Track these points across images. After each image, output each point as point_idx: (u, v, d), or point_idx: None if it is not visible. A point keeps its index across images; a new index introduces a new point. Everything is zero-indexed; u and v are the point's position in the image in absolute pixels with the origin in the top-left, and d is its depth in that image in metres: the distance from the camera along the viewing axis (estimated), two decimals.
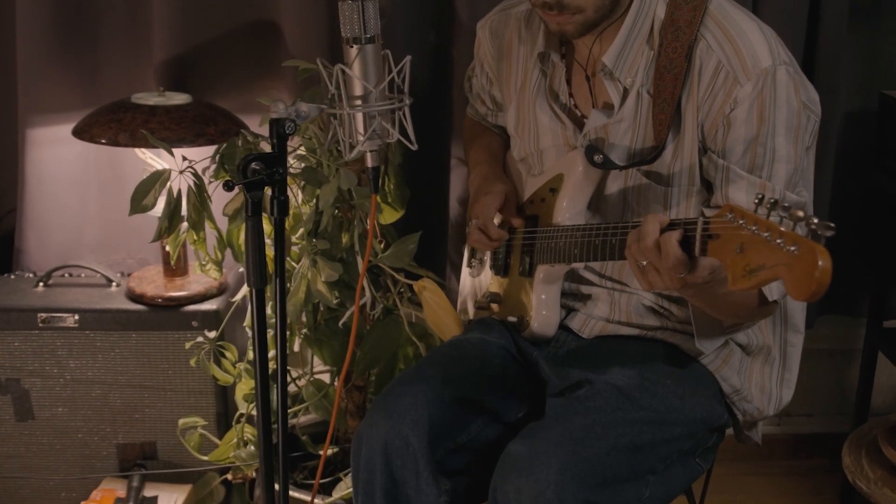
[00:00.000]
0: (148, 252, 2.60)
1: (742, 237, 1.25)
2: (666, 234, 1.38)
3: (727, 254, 1.29)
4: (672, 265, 1.37)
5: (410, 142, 1.55)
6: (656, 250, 1.39)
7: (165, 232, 1.85)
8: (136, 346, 2.31)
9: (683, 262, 1.37)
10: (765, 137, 1.57)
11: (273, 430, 1.61)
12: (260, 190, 1.48)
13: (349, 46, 1.51)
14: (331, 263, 1.84)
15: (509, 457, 1.57)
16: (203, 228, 1.89)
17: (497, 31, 1.91)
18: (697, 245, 1.35)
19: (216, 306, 2.29)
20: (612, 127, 1.70)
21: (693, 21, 1.62)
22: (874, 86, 2.44)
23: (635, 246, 1.42)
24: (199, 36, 2.41)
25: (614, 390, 1.64)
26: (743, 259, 1.25)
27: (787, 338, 1.84)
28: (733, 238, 1.27)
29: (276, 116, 1.49)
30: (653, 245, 1.39)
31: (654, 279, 1.42)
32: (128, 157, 2.49)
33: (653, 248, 1.39)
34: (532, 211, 1.86)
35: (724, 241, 1.30)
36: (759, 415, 1.83)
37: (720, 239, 1.31)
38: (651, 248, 1.39)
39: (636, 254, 1.43)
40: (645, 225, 1.41)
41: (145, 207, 1.84)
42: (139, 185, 1.85)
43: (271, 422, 1.59)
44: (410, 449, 1.63)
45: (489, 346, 1.82)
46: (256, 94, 2.43)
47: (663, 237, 1.38)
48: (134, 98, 2.22)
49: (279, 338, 1.57)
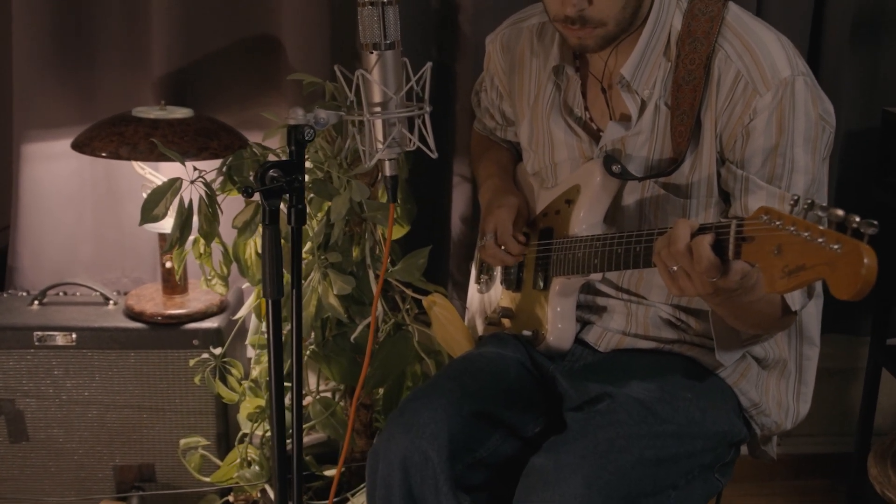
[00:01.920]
0: (143, 270, 2.56)
1: (779, 238, 1.23)
2: (698, 237, 1.36)
3: (763, 256, 1.27)
4: (705, 269, 1.35)
5: (431, 150, 1.52)
6: (688, 254, 1.37)
7: (177, 243, 1.81)
8: (134, 366, 2.26)
9: (716, 266, 1.35)
10: (784, 148, 1.57)
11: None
12: (278, 198, 1.45)
13: (369, 52, 1.49)
14: (343, 276, 1.81)
15: (534, 471, 1.54)
16: (213, 240, 1.85)
17: (508, 44, 1.90)
18: (731, 248, 1.33)
19: (217, 324, 2.25)
20: (630, 139, 1.69)
21: (710, 32, 1.61)
22: (876, 103, 2.45)
23: (665, 251, 1.40)
24: (198, 51, 2.40)
25: (636, 403, 1.62)
26: (781, 260, 1.23)
27: (803, 351, 1.82)
28: (769, 240, 1.25)
29: (294, 123, 1.46)
30: (684, 249, 1.37)
31: (684, 284, 1.40)
32: (123, 173, 2.46)
33: (684, 252, 1.37)
34: (546, 223, 1.83)
35: (759, 244, 1.28)
36: (776, 429, 1.81)
37: (755, 241, 1.29)
38: (683, 253, 1.37)
39: (666, 258, 1.40)
40: (675, 229, 1.39)
41: (156, 217, 1.81)
42: (150, 194, 1.81)
43: (285, 439, 1.55)
44: (430, 464, 1.59)
45: (505, 361, 1.79)
46: (257, 109, 2.41)
47: (695, 241, 1.36)
48: (135, 112, 2.19)
49: (295, 351, 1.53)
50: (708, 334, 1.74)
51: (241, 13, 2.40)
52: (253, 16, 2.40)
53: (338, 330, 1.99)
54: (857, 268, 1.11)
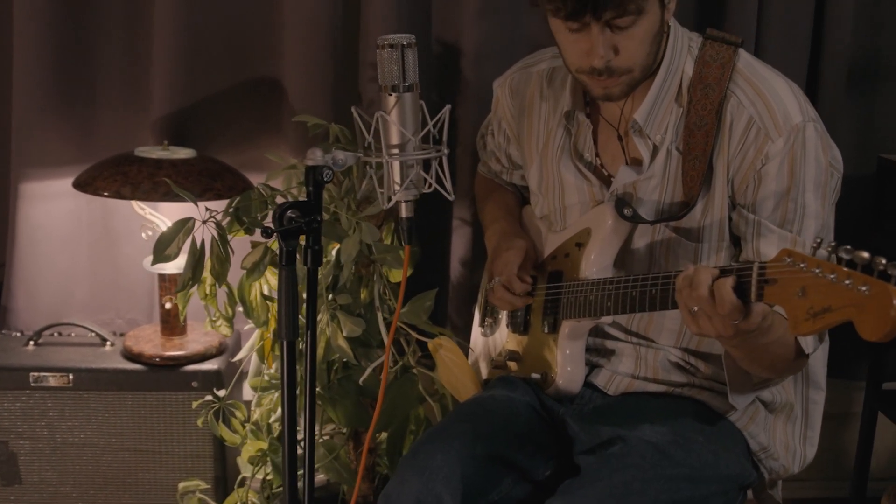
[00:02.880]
0: (138, 312, 2.54)
1: (803, 280, 1.24)
2: (720, 280, 1.36)
3: (787, 298, 1.27)
4: (728, 312, 1.35)
5: (448, 192, 1.53)
6: (710, 298, 1.37)
7: (188, 283, 1.79)
8: (131, 408, 2.23)
9: (739, 309, 1.35)
10: (795, 193, 1.58)
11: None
12: (295, 239, 1.44)
13: (388, 94, 1.49)
14: (353, 318, 1.80)
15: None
16: (224, 281, 1.84)
17: (518, 89, 1.91)
18: (753, 290, 1.33)
19: (217, 366, 2.23)
20: (642, 184, 1.70)
21: (722, 78, 1.63)
22: (871, 150, 2.48)
23: (687, 291, 1.40)
24: (199, 91, 2.40)
25: (649, 446, 1.61)
26: (805, 302, 1.24)
27: (810, 395, 1.83)
28: (793, 282, 1.26)
29: (312, 164, 1.46)
30: (707, 293, 1.37)
31: (705, 325, 1.40)
32: (120, 214, 2.45)
33: (707, 296, 1.37)
34: (555, 266, 1.83)
35: (782, 286, 1.29)
36: (784, 472, 1.81)
37: (777, 284, 1.30)
38: (705, 297, 1.38)
39: (687, 300, 1.41)
40: (697, 274, 1.39)
41: (168, 257, 1.79)
42: (162, 234, 1.80)
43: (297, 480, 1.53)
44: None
45: (515, 404, 1.78)
46: (257, 151, 2.41)
47: (717, 284, 1.36)
48: (137, 151, 2.18)
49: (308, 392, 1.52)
50: (717, 378, 1.75)
51: (242, 55, 2.42)
52: (254, 58, 2.42)
53: (343, 373, 1.98)
54: (887, 309, 1.12)
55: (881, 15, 2.47)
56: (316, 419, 2.18)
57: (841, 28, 2.41)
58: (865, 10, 2.46)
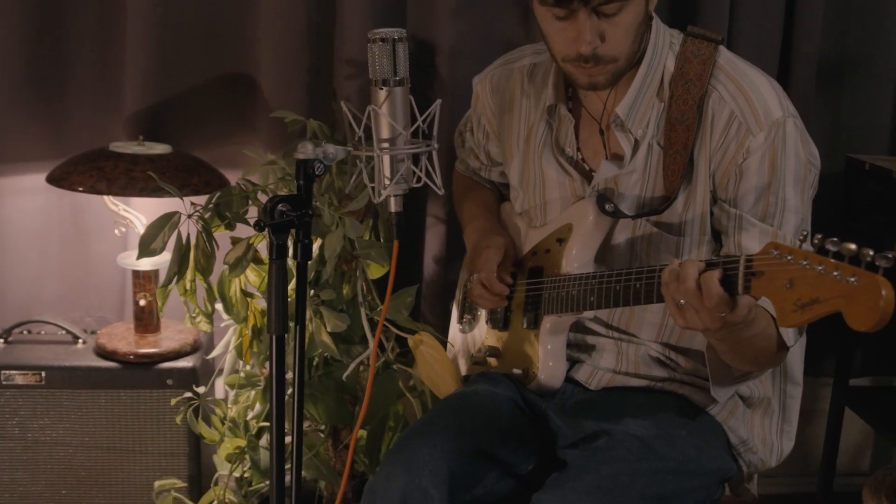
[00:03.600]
0: (108, 310, 2.51)
1: (791, 272, 1.26)
2: (707, 273, 1.38)
3: (774, 290, 1.29)
4: (715, 305, 1.37)
5: (438, 186, 1.53)
6: (697, 290, 1.38)
7: (174, 278, 1.77)
8: (105, 406, 2.21)
9: (726, 301, 1.37)
10: (776, 187, 1.61)
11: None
12: (285, 233, 1.44)
13: (378, 88, 1.49)
14: (336, 314, 1.79)
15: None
16: (210, 275, 1.82)
17: (498, 85, 1.91)
18: (740, 283, 1.35)
19: (192, 363, 2.20)
20: (623, 178, 1.71)
21: (703, 74, 1.65)
22: (840, 149, 2.52)
23: (674, 285, 1.41)
24: (172, 88, 2.38)
25: (634, 440, 1.62)
26: (793, 294, 1.25)
27: (787, 390, 1.85)
28: (780, 274, 1.28)
29: (303, 157, 1.45)
30: (694, 286, 1.39)
31: (692, 318, 1.42)
32: (91, 210, 2.42)
33: (694, 289, 1.39)
34: (535, 262, 1.84)
35: (769, 278, 1.30)
36: (762, 466, 1.84)
37: (765, 276, 1.31)
38: (692, 290, 1.39)
39: (675, 293, 1.42)
40: (684, 267, 1.40)
41: (153, 251, 1.77)
42: (147, 228, 1.78)
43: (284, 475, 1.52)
44: (430, 501, 1.58)
45: (497, 399, 1.79)
46: (232, 147, 2.39)
47: (704, 277, 1.38)
48: (112, 147, 2.15)
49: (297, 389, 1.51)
50: (697, 373, 1.77)
51: (217, 51, 2.40)
52: (229, 54, 2.40)
53: (324, 369, 1.97)
54: (876, 300, 1.14)
55: (848, 19, 2.52)
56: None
57: (810, 31, 2.45)
58: (833, 13, 2.50)
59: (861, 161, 2.42)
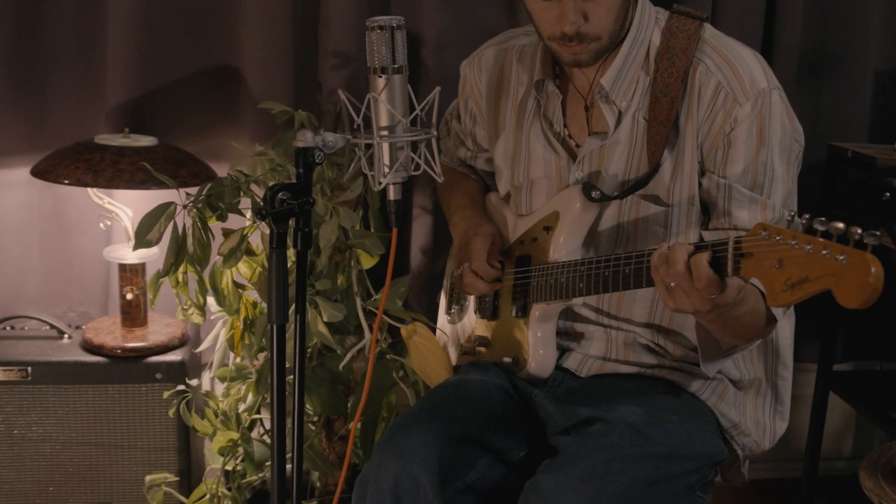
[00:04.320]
0: (91, 304, 2.49)
1: (779, 252, 1.27)
2: (696, 256, 1.39)
3: (764, 270, 1.30)
4: (704, 286, 1.38)
5: (437, 174, 1.53)
6: (687, 273, 1.40)
7: (171, 269, 1.76)
8: (92, 401, 2.18)
9: (716, 283, 1.38)
10: (764, 156, 1.64)
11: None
12: (286, 221, 1.43)
13: (377, 76, 1.49)
14: (332, 304, 1.78)
15: (534, 492, 1.55)
16: (206, 266, 1.81)
17: (487, 65, 1.92)
18: (730, 265, 1.36)
19: (181, 357, 2.19)
20: (608, 149, 1.73)
21: (689, 48, 1.68)
22: (821, 138, 2.55)
23: (664, 268, 1.43)
24: (156, 80, 2.36)
25: (626, 426, 1.64)
26: (783, 274, 1.26)
27: (778, 371, 1.87)
28: (769, 254, 1.29)
29: (303, 145, 1.44)
30: (683, 269, 1.40)
31: (682, 300, 1.43)
32: (74, 205, 2.40)
33: (684, 272, 1.40)
34: (522, 251, 1.85)
35: (758, 259, 1.32)
36: (756, 448, 1.85)
37: (754, 257, 1.33)
38: (682, 273, 1.40)
39: (664, 276, 1.43)
40: (673, 251, 1.42)
41: (149, 242, 1.75)
42: (143, 218, 1.76)
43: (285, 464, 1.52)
44: (421, 489, 1.59)
45: (488, 387, 1.80)
46: (216, 140, 2.38)
47: (693, 259, 1.39)
48: (98, 139, 2.13)
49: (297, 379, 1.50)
50: (686, 359, 1.79)
51: (200, 42, 2.39)
52: (213, 45, 2.39)
53: (317, 360, 1.96)
54: (866, 277, 1.15)
55: (828, 11, 2.55)
56: (291, 407, 2.16)
57: (791, 24, 2.47)
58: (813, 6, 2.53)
59: (843, 149, 2.45)
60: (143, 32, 2.31)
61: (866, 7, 2.55)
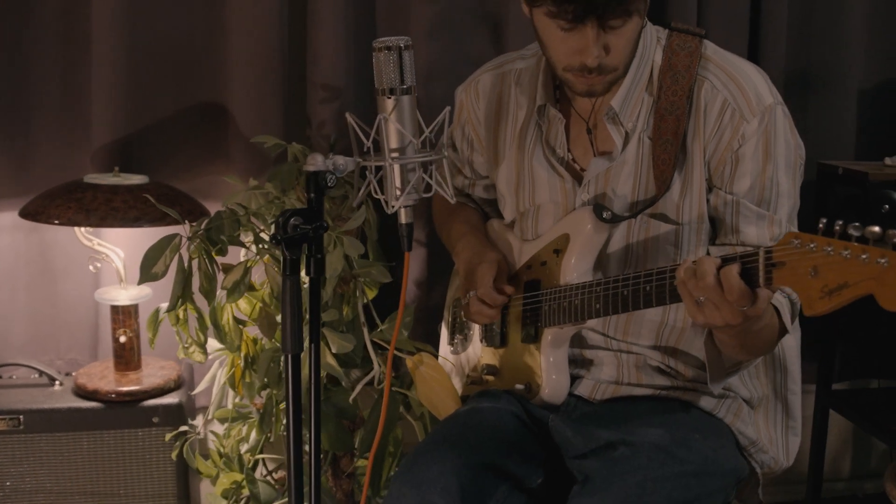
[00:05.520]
0: (79, 351, 2.43)
1: (814, 259, 1.25)
2: (726, 268, 1.37)
3: (798, 279, 1.28)
4: (736, 299, 1.37)
5: (450, 195, 1.50)
6: (718, 286, 1.38)
7: (178, 302, 1.71)
8: (87, 449, 2.12)
9: (747, 295, 1.36)
10: (771, 172, 1.63)
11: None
12: (299, 247, 1.40)
13: (386, 98, 1.46)
14: (340, 335, 1.74)
15: None
16: (213, 299, 1.76)
17: (484, 90, 1.90)
18: (761, 276, 1.34)
19: (178, 399, 2.13)
20: (615, 170, 1.71)
21: (691, 65, 1.67)
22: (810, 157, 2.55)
23: (693, 282, 1.41)
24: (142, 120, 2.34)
25: (652, 447, 1.61)
26: (818, 282, 1.25)
27: (788, 385, 1.85)
28: (803, 262, 1.27)
29: (313, 169, 1.41)
30: (714, 282, 1.38)
31: (711, 314, 1.41)
32: (60, 249, 2.35)
33: (714, 284, 1.38)
34: (531, 276, 1.82)
35: (791, 268, 1.30)
36: (775, 465, 1.83)
37: (786, 266, 1.31)
38: (713, 285, 1.38)
39: (693, 290, 1.41)
40: (701, 264, 1.40)
41: (155, 276, 1.71)
42: (148, 251, 1.72)
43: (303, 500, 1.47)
44: None
45: (502, 413, 1.76)
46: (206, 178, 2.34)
47: (724, 272, 1.37)
48: (87, 179, 2.09)
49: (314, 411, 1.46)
50: (699, 379, 1.76)
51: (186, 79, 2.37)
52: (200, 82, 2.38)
53: (323, 395, 1.91)
54: None
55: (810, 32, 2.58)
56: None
57: (775, 45, 2.50)
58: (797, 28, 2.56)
59: (833, 166, 2.46)
60: (129, 72, 2.28)
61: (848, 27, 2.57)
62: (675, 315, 1.75)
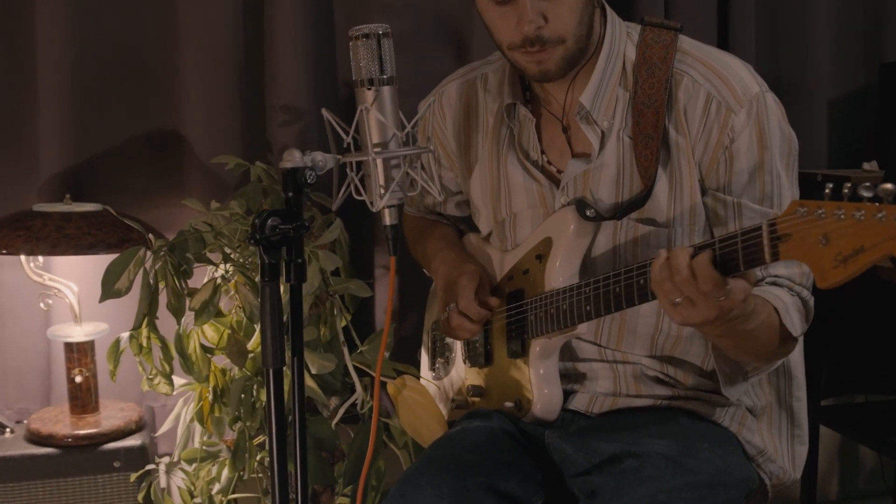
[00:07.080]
0: (30, 400, 2.27)
1: (823, 226, 1.16)
2: (697, 257, 1.30)
3: (808, 249, 1.19)
4: (710, 289, 1.29)
5: (438, 191, 1.40)
6: (692, 279, 1.30)
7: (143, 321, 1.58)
8: (43, 499, 1.96)
9: (719, 284, 1.28)
10: (769, 164, 1.55)
11: None
12: (278, 251, 1.29)
13: (365, 89, 1.37)
14: (321, 354, 1.62)
15: None
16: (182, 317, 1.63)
17: (450, 102, 1.82)
18: (767, 250, 1.25)
19: (141, 441, 1.98)
20: (593, 173, 1.62)
21: (667, 58, 1.59)
22: None
23: (668, 283, 1.33)
24: (92, 147, 2.22)
25: (660, 457, 1.50)
26: (831, 250, 1.16)
27: (793, 392, 1.77)
28: (811, 231, 1.18)
29: (291, 166, 1.31)
30: (688, 274, 1.30)
31: (687, 312, 1.33)
32: (6, 288, 2.21)
33: (688, 277, 1.30)
34: (513, 287, 1.72)
35: (799, 239, 1.21)
36: (784, 476, 1.74)
37: (793, 238, 1.22)
38: (687, 279, 1.30)
39: (670, 291, 1.33)
40: (674, 258, 1.32)
41: (118, 292, 1.58)
42: (110, 265, 1.59)
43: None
44: None
45: (495, 432, 1.65)
46: (162, 209, 2.23)
47: (695, 261, 1.30)
48: (36, 207, 1.95)
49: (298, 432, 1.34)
50: (700, 387, 1.68)
51: (137, 104, 2.27)
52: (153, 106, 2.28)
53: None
54: None
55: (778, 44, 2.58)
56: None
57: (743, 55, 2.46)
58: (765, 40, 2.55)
59: (813, 174, 2.42)
60: (77, 97, 2.18)
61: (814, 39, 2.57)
62: (669, 322, 1.65)
